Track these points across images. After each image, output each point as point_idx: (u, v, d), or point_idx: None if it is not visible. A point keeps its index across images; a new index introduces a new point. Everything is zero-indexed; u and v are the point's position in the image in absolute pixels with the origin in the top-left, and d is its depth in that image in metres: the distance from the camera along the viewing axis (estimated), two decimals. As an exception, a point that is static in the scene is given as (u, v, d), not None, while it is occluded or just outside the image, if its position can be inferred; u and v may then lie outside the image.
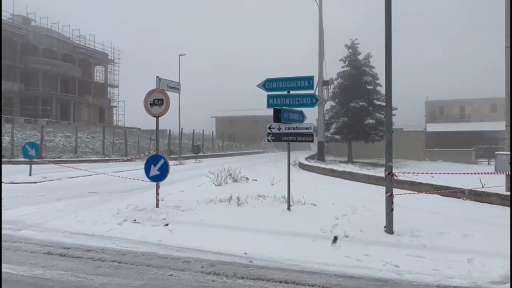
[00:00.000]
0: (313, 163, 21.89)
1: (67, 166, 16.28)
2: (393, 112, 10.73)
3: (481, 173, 10.05)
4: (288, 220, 7.12)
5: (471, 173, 10.44)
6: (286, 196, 8.18)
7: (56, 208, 8.35)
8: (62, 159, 23.64)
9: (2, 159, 21.58)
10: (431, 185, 10.92)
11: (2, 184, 12.02)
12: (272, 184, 11.29)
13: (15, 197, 9.78)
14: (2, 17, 39.39)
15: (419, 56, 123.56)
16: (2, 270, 4.52)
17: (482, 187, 9.97)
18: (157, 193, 8.01)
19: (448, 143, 45.44)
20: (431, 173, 10.78)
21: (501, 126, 13.46)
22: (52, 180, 13.73)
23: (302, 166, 21.89)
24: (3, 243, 5.71)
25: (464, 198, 9.92)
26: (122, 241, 5.97)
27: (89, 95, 48.62)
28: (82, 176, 14.59)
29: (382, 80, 28.56)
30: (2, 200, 9.08)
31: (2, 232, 6.36)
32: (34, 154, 14.45)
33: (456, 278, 4.52)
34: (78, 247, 5.64)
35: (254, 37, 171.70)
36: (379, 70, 29.57)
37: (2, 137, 24.11)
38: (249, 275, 4.54)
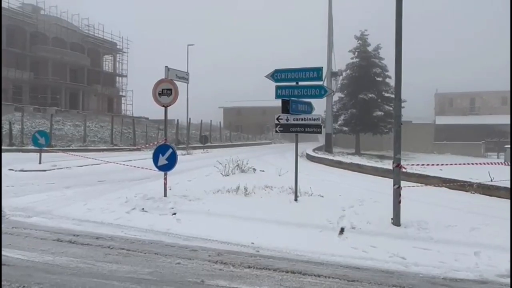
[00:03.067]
0: (320, 154, 21.85)
1: (76, 155, 16.43)
2: (402, 104, 10.66)
3: (492, 163, 9.94)
4: (295, 211, 7.14)
5: (480, 163, 10.35)
6: (294, 187, 8.20)
7: (65, 196, 8.46)
8: (71, 147, 23.86)
9: (12, 147, 21.88)
10: (439, 178, 10.86)
11: (12, 171, 12.22)
12: (279, 175, 11.30)
13: (26, 185, 9.91)
14: (12, 6, 39.66)
15: (430, 49, 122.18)
16: (13, 256, 4.62)
17: (491, 180, 9.88)
18: (165, 183, 8.07)
19: (457, 136, 45.02)
20: (439, 165, 10.70)
21: (511, 119, 13.30)
22: (62, 168, 13.86)
23: (310, 158, 21.86)
24: (14, 230, 5.82)
25: (472, 192, 9.85)
26: (131, 229, 6.03)
27: (97, 84, 48.79)
28: (91, 164, 14.72)
29: (391, 72, 28.28)
30: (12, 187, 9.25)
31: (13, 218, 6.49)
32: (43, 142, 14.59)
33: (463, 271, 4.51)
34: (87, 234, 5.71)
35: (263, 32, 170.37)
36: (389, 62, 29.27)
37: (12, 125, 24.40)
38: (256, 264, 4.57)
